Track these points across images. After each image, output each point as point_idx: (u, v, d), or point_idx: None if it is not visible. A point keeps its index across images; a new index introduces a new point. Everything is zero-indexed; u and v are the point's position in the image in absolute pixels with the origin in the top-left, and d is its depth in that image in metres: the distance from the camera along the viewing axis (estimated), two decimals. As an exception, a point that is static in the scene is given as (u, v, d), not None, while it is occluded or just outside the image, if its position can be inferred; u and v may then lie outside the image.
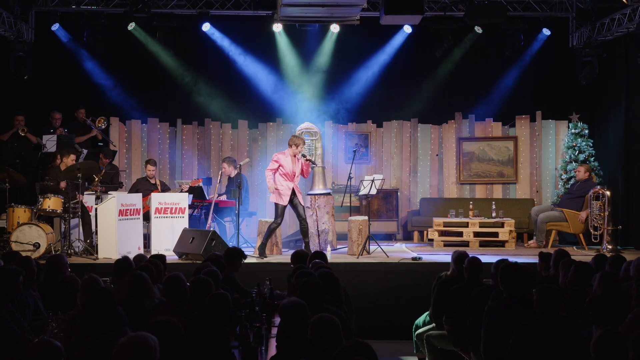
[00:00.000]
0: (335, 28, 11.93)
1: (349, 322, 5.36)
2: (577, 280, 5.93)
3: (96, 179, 9.93)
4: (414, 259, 9.53)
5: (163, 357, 3.38)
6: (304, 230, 9.60)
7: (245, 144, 12.85)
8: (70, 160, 9.88)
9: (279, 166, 9.44)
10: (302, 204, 9.66)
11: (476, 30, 12.06)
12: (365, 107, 12.70)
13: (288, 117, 12.64)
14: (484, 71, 12.75)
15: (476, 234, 11.09)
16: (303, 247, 9.43)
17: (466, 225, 11.14)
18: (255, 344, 4.73)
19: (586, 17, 11.59)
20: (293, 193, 9.50)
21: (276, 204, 9.56)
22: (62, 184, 9.61)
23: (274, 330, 5.39)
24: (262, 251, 9.53)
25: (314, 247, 9.84)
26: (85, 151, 11.50)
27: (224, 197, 10.93)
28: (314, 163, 10.04)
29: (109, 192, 9.96)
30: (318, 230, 10.17)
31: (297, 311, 4.43)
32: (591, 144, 11.91)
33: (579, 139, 11.90)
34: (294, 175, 9.49)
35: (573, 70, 12.19)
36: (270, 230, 9.62)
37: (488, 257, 8.31)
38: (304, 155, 9.62)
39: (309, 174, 9.93)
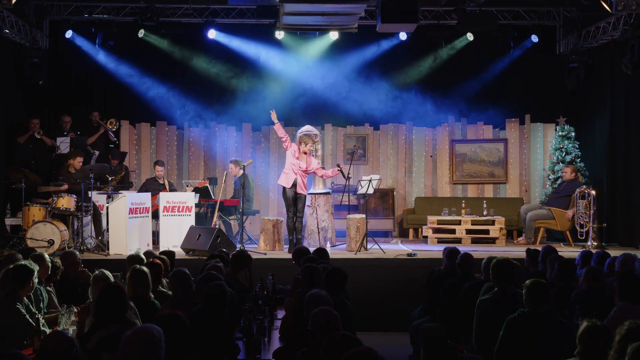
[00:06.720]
0: (334, 35, 11.92)
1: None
2: (564, 275, 5.93)
3: (114, 181, 9.98)
4: (409, 255, 9.52)
5: (169, 348, 3.39)
6: (296, 227, 9.64)
7: (249, 146, 12.85)
8: (77, 162, 9.89)
9: (289, 147, 9.61)
10: (303, 201, 9.67)
11: (468, 38, 12.05)
12: (363, 110, 12.68)
13: (290, 120, 12.62)
14: (475, 76, 12.71)
15: (468, 231, 11.08)
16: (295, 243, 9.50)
17: (459, 223, 11.14)
18: (258, 336, 4.74)
19: (573, 26, 11.58)
20: (296, 186, 9.53)
21: (283, 192, 9.65)
22: (64, 187, 9.66)
23: (277, 323, 5.40)
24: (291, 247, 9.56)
25: (314, 243, 9.84)
26: (96, 152, 11.54)
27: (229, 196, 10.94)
28: (345, 176, 9.80)
29: (119, 192, 9.97)
30: (318, 228, 10.17)
31: (330, 320, 4.03)
32: (577, 146, 11.90)
33: (566, 141, 11.90)
34: (297, 166, 9.58)
35: (560, 76, 12.16)
36: (288, 227, 9.72)
37: (479, 253, 8.31)
38: (338, 165, 9.88)
39: (327, 177, 10.22)
